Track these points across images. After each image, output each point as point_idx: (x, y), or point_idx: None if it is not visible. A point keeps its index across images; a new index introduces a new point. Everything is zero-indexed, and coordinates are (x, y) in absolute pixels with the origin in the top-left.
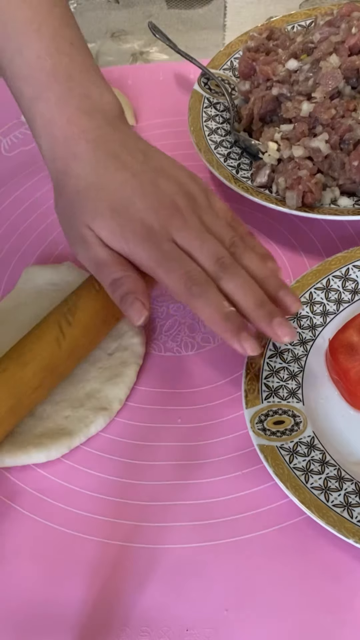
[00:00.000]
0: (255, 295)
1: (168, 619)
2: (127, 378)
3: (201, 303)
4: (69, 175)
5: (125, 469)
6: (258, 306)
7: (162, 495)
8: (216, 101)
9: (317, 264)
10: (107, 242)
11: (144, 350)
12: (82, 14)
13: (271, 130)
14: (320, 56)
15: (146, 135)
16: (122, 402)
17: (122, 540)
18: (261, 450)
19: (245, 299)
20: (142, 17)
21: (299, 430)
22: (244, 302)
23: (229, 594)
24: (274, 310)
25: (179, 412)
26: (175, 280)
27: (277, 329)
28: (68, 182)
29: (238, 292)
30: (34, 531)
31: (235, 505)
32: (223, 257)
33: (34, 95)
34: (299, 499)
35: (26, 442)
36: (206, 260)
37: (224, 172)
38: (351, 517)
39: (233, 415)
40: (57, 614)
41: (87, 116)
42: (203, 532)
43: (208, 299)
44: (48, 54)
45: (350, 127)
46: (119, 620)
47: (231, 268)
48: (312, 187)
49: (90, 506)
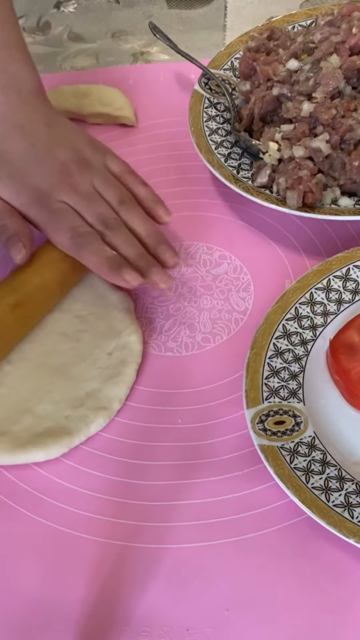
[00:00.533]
0: (135, 250)
1: (168, 618)
2: (127, 377)
3: (86, 252)
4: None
5: (125, 469)
6: (137, 258)
7: (163, 495)
8: (217, 101)
9: (318, 264)
10: (4, 198)
11: (142, 348)
12: (83, 14)
13: (272, 131)
14: (321, 56)
15: (146, 135)
16: (122, 402)
17: (122, 540)
18: (262, 451)
19: (125, 252)
20: (142, 17)
21: (300, 431)
22: (124, 254)
23: (229, 593)
24: (151, 261)
25: (179, 412)
26: (62, 236)
27: (153, 276)
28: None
29: (120, 248)
30: (34, 531)
31: (235, 505)
32: (108, 218)
33: None
34: (300, 499)
35: (26, 441)
36: (93, 220)
37: (224, 172)
38: (352, 517)
39: (233, 415)
40: (57, 613)
41: (0, 91)
42: (203, 532)
43: (92, 248)
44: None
45: (351, 127)
46: (119, 620)
47: (115, 227)
48: (313, 187)
49: (91, 506)
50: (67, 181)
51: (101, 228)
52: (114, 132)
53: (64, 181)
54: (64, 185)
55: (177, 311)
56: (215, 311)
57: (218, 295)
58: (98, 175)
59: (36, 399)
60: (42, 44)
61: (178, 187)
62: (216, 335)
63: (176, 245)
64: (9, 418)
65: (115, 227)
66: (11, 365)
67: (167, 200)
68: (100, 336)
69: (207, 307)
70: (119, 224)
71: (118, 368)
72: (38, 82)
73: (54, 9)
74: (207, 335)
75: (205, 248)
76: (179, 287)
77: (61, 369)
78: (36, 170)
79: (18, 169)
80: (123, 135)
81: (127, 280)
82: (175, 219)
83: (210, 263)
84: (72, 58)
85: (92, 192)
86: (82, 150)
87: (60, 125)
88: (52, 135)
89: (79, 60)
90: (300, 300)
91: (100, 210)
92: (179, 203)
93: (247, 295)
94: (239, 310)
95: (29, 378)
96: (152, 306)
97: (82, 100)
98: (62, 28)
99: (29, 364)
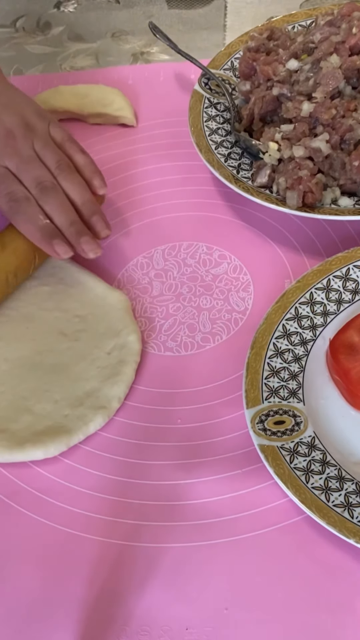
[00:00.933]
0: (68, 216)
1: (168, 618)
2: (126, 377)
3: (20, 218)
4: None
5: (125, 469)
6: (69, 225)
7: (162, 495)
8: (217, 101)
9: (318, 264)
10: None
11: (141, 348)
12: (83, 14)
13: (272, 131)
14: (321, 56)
15: (146, 135)
16: (121, 401)
17: (122, 539)
18: (262, 450)
19: (59, 218)
20: (142, 17)
21: (300, 430)
22: (58, 220)
23: (228, 593)
24: (83, 229)
25: (178, 412)
26: (0, 200)
27: (83, 245)
28: None
29: (54, 212)
30: (33, 530)
31: (235, 504)
32: (45, 180)
33: None
34: (300, 499)
35: (24, 440)
36: (30, 183)
37: (224, 172)
38: (352, 517)
39: (233, 415)
40: (57, 613)
41: None
42: (203, 532)
43: (26, 214)
44: None
45: (351, 127)
46: (119, 619)
47: (50, 191)
48: (313, 187)
49: (90, 505)
50: (11, 145)
51: (37, 192)
52: (114, 132)
53: (8, 145)
54: (7, 149)
55: (176, 311)
56: (214, 311)
57: (218, 295)
58: (39, 139)
59: (35, 398)
60: (42, 44)
61: (178, 187)
62: (216, 335)
63: (175, 245)
64: (8, 417)
65: (50, 190)
66: (9, 363)
67: (167, 200)
68: (99, 336)
69: (207, 307)
70: (55, 188)
71: (117, 367)
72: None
73: (54, 9)
74: (207, 335)
75: (205, 248)
76: (179, 286)
77: (60, 368)
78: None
79: None
80: (123, 135)
81: (57, 252)
82: (175, 219)
83: (210, 263)
84: (72, 58)
85: (32, 156)
86: (27, 116)
87: (8, 92)
88: (2, 102)
89: (79, 60)
90: (300, 300)
91: (38, 173)
92: (179, 203)
93: (247, 295)
94: (238, 310)
95: (27, 377)
96: (151, 306)
97: (82, 100)
98: (62, 28)
99: (27, 362)
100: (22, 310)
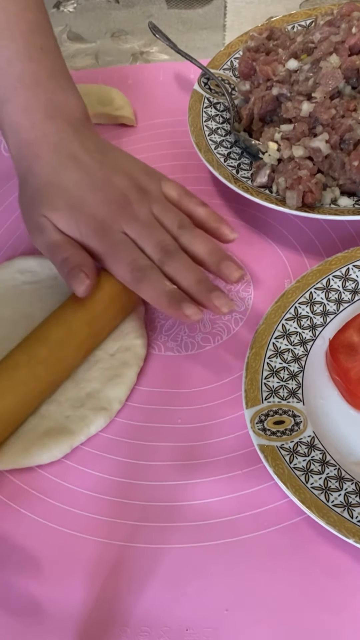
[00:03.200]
0: (195, 275)
1: (168, 618)
2: (128, 379)
3: (145, 286)
4: (32, 174)
5: (125, 469)
6: (197, 283)
7: (162, 495)
8: (216, 101)
9: (318, 264)
10: (63, 230)
11: (146, 352)
12: (82, 14)
13: (271, 130)
14: (321, 56)
15: (146, 135)
16: (122, 403)
17: (122, 540)
18: (261, 450)
19: (185, 279)
20: (142, 17)
21: (299, 430)
22: (184, 282)
23: (228, 593)
24: (212, 285)
25: (179, 412)
26: (122, 269)
27: (215, 301)
28: (31, 179)
29: (179, 274)
30: (33, 531)
31: (235, 505)
32: (167, 244)
33: (3, 98)
34: (299, 499)
35: (29, 443)
36: (152, 248)
37: (224, 172)
38: (351, 517)
39: (233, 415)
40: (56, 614)
41: (50, 120)
42: (203, 532)
43: (150, 281)
44: (18, 59)
45: (351, 127)
46: (119, 620)
47: (174, 254)
48: (312, 187)
49: (90, 506)
50: (127, 210)
51: (160, 256)
52: (113, 132)
53: (124, 210)
54: (124, 214)
55: None
56: None
57: None
58: (156, 202)
59: None
60: None
61: None
62: (216, 335)
63: None
64: None
65: (174, 253)
66: None
67: None
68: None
69: None
70: (178, 249)
71: (119, 369)
72: (84, 109)
73: (54, 8)
74: (207, 335)
75: None
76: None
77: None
78: (94, 200)
79: (76, 199)
80: (123, 135)
81: (187, 315)
82: None
83: None
84: (72, 58)
85: (151, 220)
86: (137, 177)
87: (113, 153)
88: (106, 163)
89: (79, 60)
90: (300, 300)
91: (160, 238)
92: None
93: (247, 295)
94: (238, 310)
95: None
96: (151, 306)
97: None
98: (62, 28)
99: None
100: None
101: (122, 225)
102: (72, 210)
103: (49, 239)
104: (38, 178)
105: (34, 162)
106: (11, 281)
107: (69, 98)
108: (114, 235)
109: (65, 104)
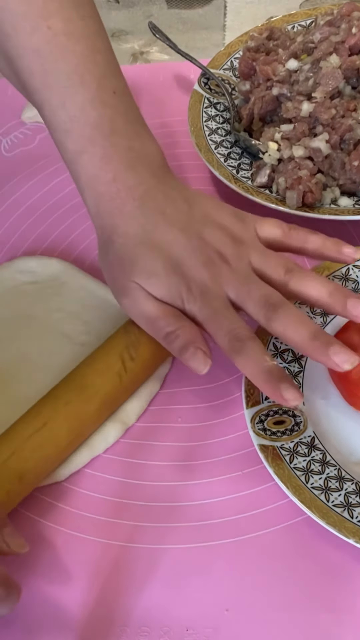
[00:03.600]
0: (307, 329)
1: (168, 619)
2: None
3: (242, 358)
4: (117, 233)
5: (125, 469)
6: (312, 339)
7: (162, 496)
8: (216, 101)
9: (318, 264)
10: (160, 298)
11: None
12: None
13: (271, 130)
14: (321, 56)
15: None
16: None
17: (122, 540)
18: (261, 451)
19: (297, 334)
20: (142, 17)
21: (300, 430)
22: (297, 337)
23: (229, 594)
24: (329, 339)
25: (179, 411)
26: (221, 337)
27: (334, 357)
28: (116, 239)
29: (289, 330)
30: (33, 531)
31: (235, 505)
32: (271, 297)
33: (77, 149)
34: (300, 499)
35: None
36: (255, 306)
37: (224, 172)
38: (351, 517)
39: (233, 415)
40: (57, 614)
41: (132, 171)
42: (203, 532)
43: (248, 355)
44: (92, 106)
45: (351, 127)
46: (119, 620)
47: (280, 306)
48: (313, 187)
49: (90, 506)
50: (224, 269)
51: (265, 312)
52: None
53: (221, 269)
54: (222, 274)
55: None
56: None
57: None
58: (254, 251)
59: None
60: None
61: None
62: None
63: None
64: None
65: (280, 305)
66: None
67: None
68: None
69: None
70: (284, 301)
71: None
72: (162, 155)
73: None
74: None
75: None
76: None
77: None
78: (191, 261)
79: (173, 263)
80: None
81: (286, 399)
82: None
83: None
84: None
85: (251, 275)
86: (229, 226)
87: (198, 200)
88: (194, 215)
89: None
90: None
91: (261, 292)
92: None
93: None
94: None
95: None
96: None
97: None
98: None
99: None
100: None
101: (223, 286)
102: (172, 276)
103: (144, 309)
104: (125, 238)
105: (117, 218)
106: (11, 281)
107: (147, 144)
108: (214, 301)
109: (144, 151)
